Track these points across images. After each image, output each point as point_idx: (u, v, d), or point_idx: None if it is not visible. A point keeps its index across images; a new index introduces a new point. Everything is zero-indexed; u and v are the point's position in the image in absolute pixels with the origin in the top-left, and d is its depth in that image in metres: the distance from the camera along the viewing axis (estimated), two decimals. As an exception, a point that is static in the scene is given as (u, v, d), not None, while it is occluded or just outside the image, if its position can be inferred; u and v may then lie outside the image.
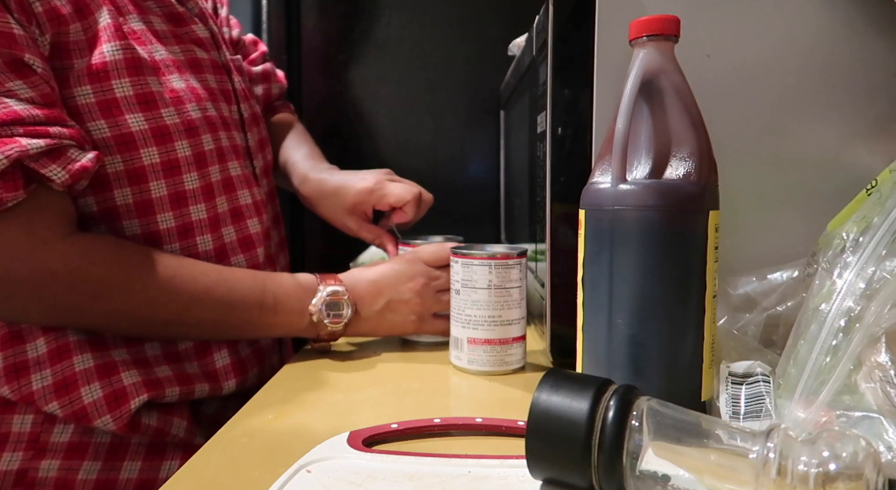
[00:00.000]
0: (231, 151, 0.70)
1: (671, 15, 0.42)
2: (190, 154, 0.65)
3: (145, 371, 0.63)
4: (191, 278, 0.62)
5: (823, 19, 0.54)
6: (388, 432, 0.46)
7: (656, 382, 0.41)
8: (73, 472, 0.61)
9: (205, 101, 0.67)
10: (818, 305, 0.40)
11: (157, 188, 0.63)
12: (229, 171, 0.70)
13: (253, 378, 0.71)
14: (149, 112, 0.62)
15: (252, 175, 0.75)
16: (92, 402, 0.60)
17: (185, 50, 0.68)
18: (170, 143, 0.63)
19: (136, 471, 0.63)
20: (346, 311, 0.66)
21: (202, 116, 0.66)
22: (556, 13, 0.58)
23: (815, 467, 0.29)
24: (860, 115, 0.55)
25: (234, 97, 0.74)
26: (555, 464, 0.35)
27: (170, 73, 0.65)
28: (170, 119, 0.63)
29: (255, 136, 0.77)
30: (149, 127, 0.62)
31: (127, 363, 0.62)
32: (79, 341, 0.61)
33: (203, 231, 0.67)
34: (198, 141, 0.66)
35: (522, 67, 0.81)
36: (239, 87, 0.75)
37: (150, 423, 0.63)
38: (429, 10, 1.18)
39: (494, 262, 0.60)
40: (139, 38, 0.63)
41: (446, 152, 1.20)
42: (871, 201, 0.42)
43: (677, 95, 0.42)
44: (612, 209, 0.42)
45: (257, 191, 0.74)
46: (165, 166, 0.63)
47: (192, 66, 0.68)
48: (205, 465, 0.42)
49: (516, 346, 0.62)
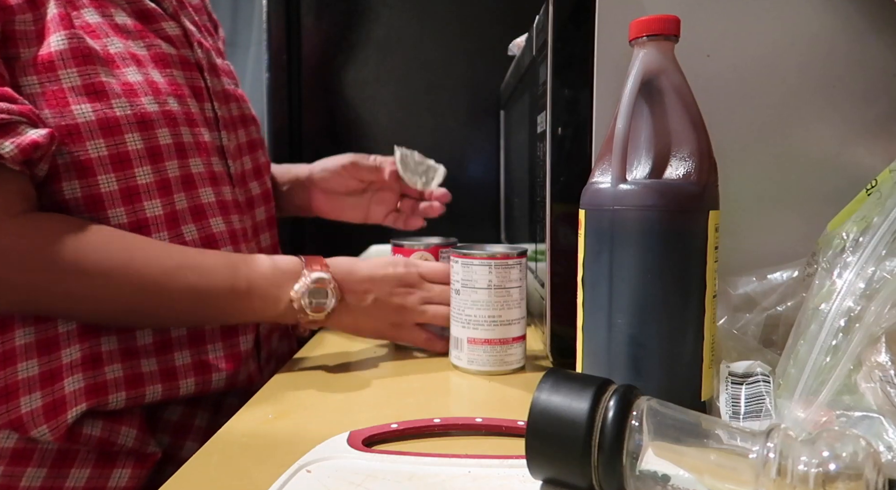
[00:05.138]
0: (194, 148, 0.68)
1: (671, 15, 0.42)
2: (142, 147, 0.63)
3: (92, 374, 0.61)
4: (153, 259, 0.60)
5: (823, 19, 0.54)
6: (388, 432, 0.46)
7: (656, 382, 0.41)
8: (15, 479, 0.58)
9: (165, 96, 0.65)
10: (818, 305, 0.40)
11: (106, 182, 0.61)
12: (190, 168, 0.67)
13: (220, 382, 0.68)
14: (97, 102, 0.60)
15: (226, 174, 0.73)
16: (29, 411, 0.58)
17: (150, 44, 0.67)
18: (119, 136, 0.61)
19: (84, 479, 0.61)
20: (330, 300, 0.64)
21: (159, 110, 0.64)
22: (556, 13, 0.58)
23: (815, 467, 0.29)
24: (860, 115, 0.55)
25: (206, 95, 0.72)
26: (555, 464, 0.35)
27: (126, 65, 0.63)
28: (120, 110, 0.61)
29: (236, 138, 0.75)
30: (96, 118, 0.60)
31: (74, 365, 0.60)
32: (26, 346, 0.59)
33: (159, 228, 0.64)
34: (152, 134, 0.64)
35: (522, 67, 0.81)
36: (214, 86, 0.73)
37: (93, 432, 0.60)
38: (429, 10, 1.18)
39: (494, 262, 0.60)
40: (93, 31, 0.62)
41: (446, 152, 1.20)
42: (871, 201, 0.42)
43: (677, 95, 0.42)
44: (612, 209, 0.42)
45: (228, 190, 0.72)
46: (114, 159, 0.61)
47: (157, 61, 0.67)
48: (205, 465, 0.42)
49: (516, 346, 0.62)
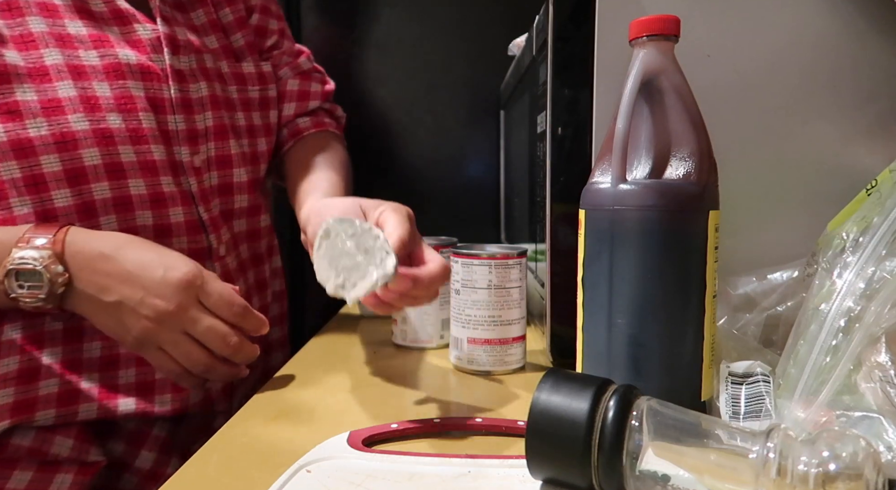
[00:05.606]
0: (136, 167, 0.63)
1: (671, 15, 0.42)
2: (60, 170, 0.59)
3: (24, 389, 0.59)
4: None
5: (824, 19, 0.54)
6: (388, 432, 0.46)
7: (656, 382, 0.41)
8: None
9: (103, 112, 0.61)
10: (818, 305, 0.40)
11: (19, 205, 0.59)
12: (128, 189, 0.63)
13: (164, 406, 0.65)
14: (10, 123, 0.57)
15: (180, 193, 0.67)
16: None
17: (105, 54, 0.63)
18: (33, 157, 0.58)
19: (27, 481, 0.60)
20: (45, 286, 0.55)
21: (90, 129, 0.60)
22: (556, 13, 0.58)
23: (815, 467, 0.29)
24: (861, 115, 0.55)
25: (169, 106, 0.66)
26: (555, 464, 0.35)
27: (60, 79, 0.60)
28: (35, 131, 0.58)
29: (204, 152, 0.70)
30: (8, 139, 0.57)
31: (8, 378, 0.59)
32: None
33: None
34: (75, 155, 0.60)
35: (522, 67, 0.81)
36: (189, 94, 0.68)
37: (23, 443, 0.60)
38: (429, 10, 1.18)
39: (494, 262, 0.60)
40: (31, 42, 0.60)
41: (446, 152, 1.20)
42: (871, 201, 0.42)
43: (677, 95, 0.42)
44: (611, 209, 0.42)
45: (182, 210, 0.67)
46: (28, 182, 0.58)
47: (109, 72, 0.62)
48: (205, 465, 0.42)
49: (516, 346, 0.62)
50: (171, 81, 0.67)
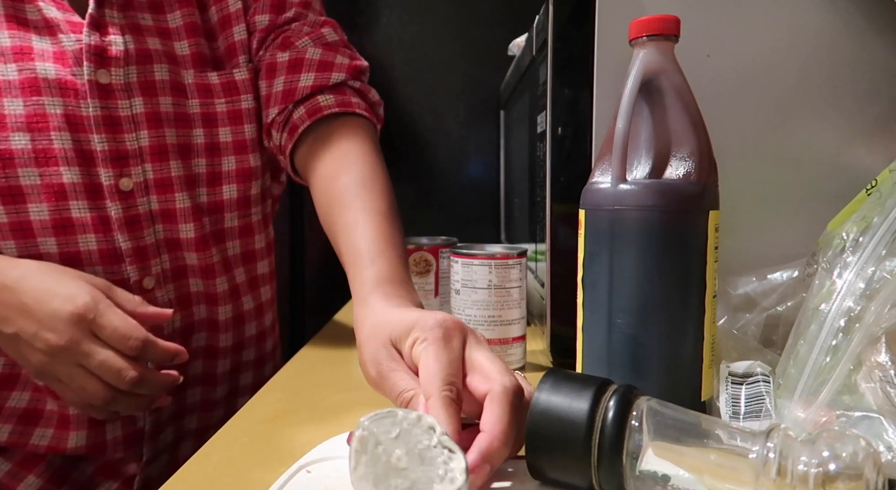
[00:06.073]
0: (39, 191, 0.60)
1: (671, 15, 0.42)
2: None
3: None
4: None
5: (824, 19, 0.54)
6: (388, 432, 0.46)
7: (656, 382, 0.41)
8: None
9: (9, 131, 0.59)
10: (818, 305, 0.40)
11: None
12: (27, 214, 0.60)
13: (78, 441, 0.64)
14: None
15: (104, 219, 0.63)
16: None
17: (24, 68, 0.59)
18: None
19: None
20: None
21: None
22: (556, 13, 0.58)
23: (815, 467, 0.29)
24: (860, 114, 0.55)
25: (89, 125, 0.62)
26: (555, 464, 0.35)
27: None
28: None
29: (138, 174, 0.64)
30: None
31: None
32: None
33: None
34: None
35: (522, 67, 0.81)
36: (99, 112, 0.62)
37: None
38: (429, 10, 1.18)
39: (494, 262, 0.60)
40: None
41: (446, 152, 1.21)
42: (871, 201, 0.42)
43: (677, 95, 0.42)
44: (611, 209, 0.42)
45: (96, 238, 0.63)
46: None
47: (25, 88, 0.59)
48: (205, 465, 0.42)
49: (516, 346, 0.62)
50: (90, 97, 0.61)
